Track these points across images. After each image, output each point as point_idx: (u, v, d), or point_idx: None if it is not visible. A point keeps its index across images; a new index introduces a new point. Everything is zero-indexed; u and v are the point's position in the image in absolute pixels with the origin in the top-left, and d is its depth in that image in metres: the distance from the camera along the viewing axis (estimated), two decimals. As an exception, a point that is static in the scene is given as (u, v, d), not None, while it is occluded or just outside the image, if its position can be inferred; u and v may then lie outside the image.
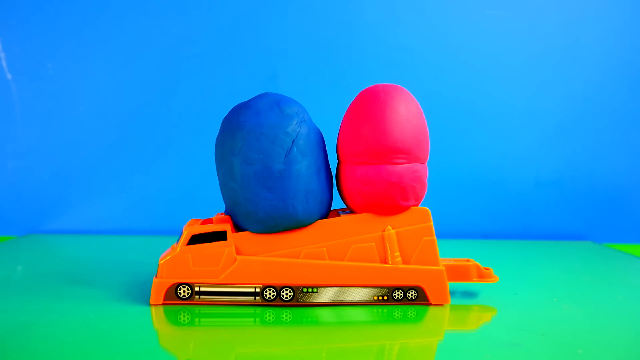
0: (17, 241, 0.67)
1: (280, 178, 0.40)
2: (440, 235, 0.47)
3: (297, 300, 0.41)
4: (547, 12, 0.74)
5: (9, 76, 0.72)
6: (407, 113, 0.41)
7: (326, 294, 0.41)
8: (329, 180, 0.43)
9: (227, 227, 0.41)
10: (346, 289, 0.41)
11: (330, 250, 0.41)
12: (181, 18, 0.72)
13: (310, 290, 0.41)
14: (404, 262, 0.42)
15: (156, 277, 0.41)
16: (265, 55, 0.73)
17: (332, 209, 0.47)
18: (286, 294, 0.41)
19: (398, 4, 0.73)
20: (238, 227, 0.42)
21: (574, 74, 0.74)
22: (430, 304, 0.42)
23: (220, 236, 0.41)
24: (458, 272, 0.44)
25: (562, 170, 0.75)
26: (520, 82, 0.74)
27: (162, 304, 0.41)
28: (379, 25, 0.73)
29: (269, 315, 0.39)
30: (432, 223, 0.42)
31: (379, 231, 0.42)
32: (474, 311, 0.41)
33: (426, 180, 0.42)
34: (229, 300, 0.41)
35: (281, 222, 0.40)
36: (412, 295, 0.42)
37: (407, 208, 0.41)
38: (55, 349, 0.33)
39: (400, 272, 0.41)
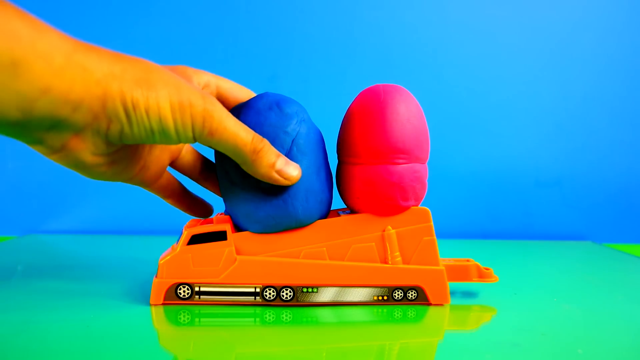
0: (17, 241, 0.67)
1: (280, 178, 0.39)
2: (440, 235, 0.47)
3: (297, 300, 0.41)
4: (547, 12, 0.74)
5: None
6: (408, 113, 0.41)
7: (326, 294, 0.41)
8: (329, 180, 0.43)
9: (227, 227, 0.41)
10: (346, 289, 0.41)
11: (330, 250, 0.41)
12: (181, 18, 0.72)
13: (310, 290, 0.41)
14: (404, 262, 0.42)
15: (156, 277, 0.41)
16: (265, 55, 0.73)
17: (332, 209, 0.47)
18: (286, 294, 0.41)
19: (398, 4, 0.73)
20: (238, 227, 0.42)
21: (574, 74, 0.74)
22: (430, 304, 0.42)
23: (220, 236, 0.41)
24: (458, 272, 0.44)
25: (562, 170, 0.75)
26: (520, 82, 0.74)
27: (162, 304, 0.41)
28: (379, 25, 0.73)
29: (269, 315, 0.39)
30: (432, 223, 0.42)
31: (379, 231, 0.41)
32: (474, 311, 0.41)
33: (426, 180, 0.42)
34: (229, 300, 0.41)
35: (281, 221, 0.40)
36: (412, 295, 0.42)
37: (407, 208, 0.41)
38: (55, 349, 0.33)
39: (400, 272, 0.41)
